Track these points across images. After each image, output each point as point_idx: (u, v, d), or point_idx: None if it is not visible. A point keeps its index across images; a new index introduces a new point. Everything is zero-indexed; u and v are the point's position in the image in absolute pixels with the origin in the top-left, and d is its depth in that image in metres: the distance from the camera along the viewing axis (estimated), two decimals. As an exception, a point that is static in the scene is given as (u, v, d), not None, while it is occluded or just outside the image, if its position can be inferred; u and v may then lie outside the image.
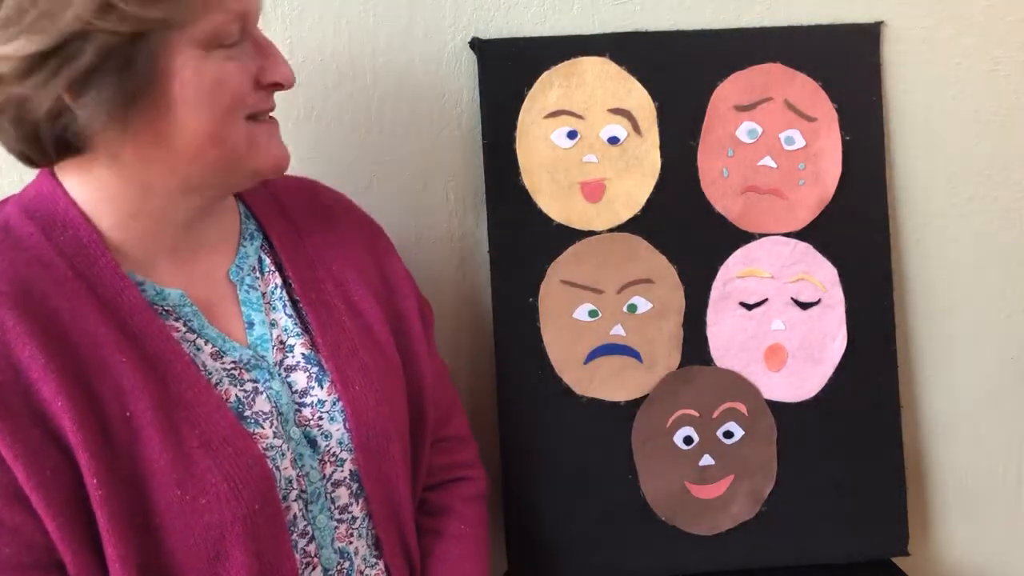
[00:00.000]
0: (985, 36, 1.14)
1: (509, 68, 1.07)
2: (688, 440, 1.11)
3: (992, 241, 1.19)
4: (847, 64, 1.11)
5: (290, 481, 0.75)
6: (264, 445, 0.73)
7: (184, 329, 0.75)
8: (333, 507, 0.80)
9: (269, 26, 0.99)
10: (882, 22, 1.12)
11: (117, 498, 0.66)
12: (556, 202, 1.08)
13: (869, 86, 1.12)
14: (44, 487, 0.64)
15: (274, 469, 0.73)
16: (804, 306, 1.12)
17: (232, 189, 0.80)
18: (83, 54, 0.62)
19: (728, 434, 1.11)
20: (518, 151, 1.08)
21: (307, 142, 1.08)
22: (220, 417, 0.71)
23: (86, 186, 0.71)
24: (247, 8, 0.70)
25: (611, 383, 1.10)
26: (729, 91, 1.10)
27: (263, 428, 0.74)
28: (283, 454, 0.75)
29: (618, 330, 1.10)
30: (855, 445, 1.12)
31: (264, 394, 0.76)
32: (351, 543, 0.81)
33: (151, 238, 0.74)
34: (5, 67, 0.63)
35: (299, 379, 0.80)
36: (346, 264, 0.87)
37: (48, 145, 0.68)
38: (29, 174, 0.86)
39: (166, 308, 0.74)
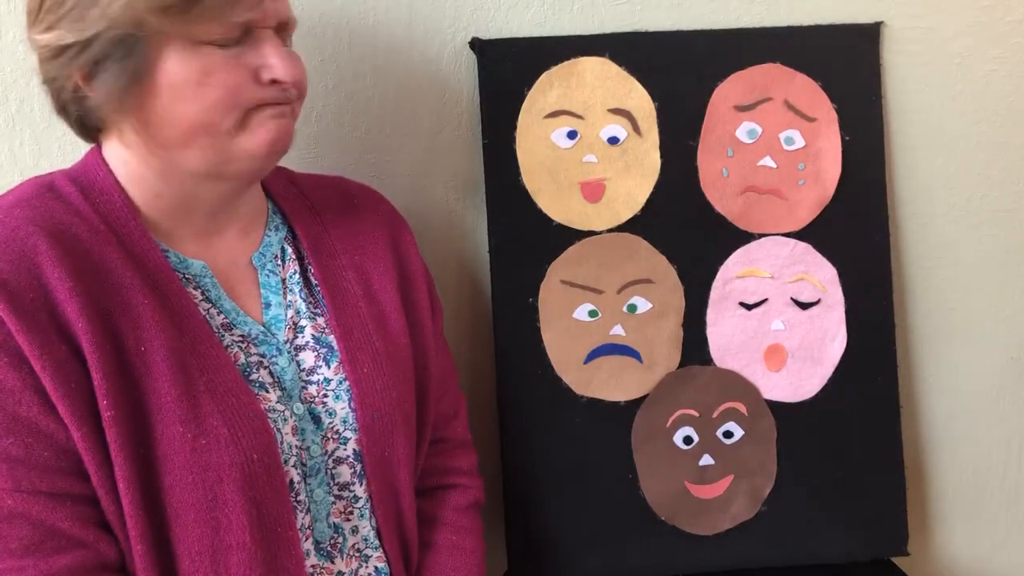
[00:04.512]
0: (985, 36, 1.14)
1: (509, 68, 1.07)
2: (688, 440, 1.11)
3: (992, 241, 1.19)
4: (847, 64, 1.11)
5: (291, 447, 0.77)
6: (267, 407, 0.76)
7: (201, 298, 0.79)
8: (332, 483, 0.82)
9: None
10: (882, 22, 1.12)
11: (124, 422, 0.70)
12: (556, 202, 1.08)
13: (869, 86, 1.12)
14: (69, 398, 0.68)
15: (276, 431, 0.76)
16: (804, 306, 1.12)
17: (245, 175, 0.80)
18: (96, 45, 0.70)
19: (728, 434, 1.11)
20: (518, 151, 1.08)
21: (307, 142, 1.08)
22: (227, 372, 0.75)
23: (120, 165, 0.78)
24: (250, 18, 0.73)
25: (611, 383, 1.10)
26: (729, 91, 1.10)
27: (267, 393, 0.78)
28: (285, 419, 0.78)
29: (618, 330, 1.10)
30: (855, 445, 1.12)
31: (268, 368, 0.79)
32: (348, 521, 0.83)
33: (177, 218, 0.80)
34: (43, 52, 0.73)
35: (307, 358, 0.83)
36: (367, 253, 0.91)
37: (73, 123, 0.78)
38: (28, 171, 0.92)
39: (187, 276, 0.79)
